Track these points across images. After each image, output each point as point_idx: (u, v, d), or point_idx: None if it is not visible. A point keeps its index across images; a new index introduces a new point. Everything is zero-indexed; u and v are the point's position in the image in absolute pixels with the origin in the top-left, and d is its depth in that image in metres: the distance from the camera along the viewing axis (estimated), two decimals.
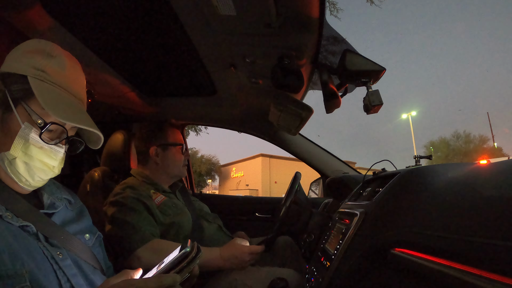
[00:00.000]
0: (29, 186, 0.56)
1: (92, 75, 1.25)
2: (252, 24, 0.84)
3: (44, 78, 0.55)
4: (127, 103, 1.53)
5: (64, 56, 0.60)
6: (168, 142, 1.22)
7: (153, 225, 1.03)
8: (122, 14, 0.87)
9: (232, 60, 1.07)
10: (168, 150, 1.22)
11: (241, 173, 24.42)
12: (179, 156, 1.24)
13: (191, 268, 0.54)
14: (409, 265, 0.43)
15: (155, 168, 1.21)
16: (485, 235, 0.32)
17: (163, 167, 1.21)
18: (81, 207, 0.71)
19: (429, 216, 0.46)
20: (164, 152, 1.21)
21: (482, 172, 0.51)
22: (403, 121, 24.76)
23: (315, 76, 1.16)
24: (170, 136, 1.24)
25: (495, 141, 19.43)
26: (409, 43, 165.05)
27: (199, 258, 0.54)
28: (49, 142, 0.56)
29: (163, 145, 1.21)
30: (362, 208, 0.70)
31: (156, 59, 1.14)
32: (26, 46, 0.58)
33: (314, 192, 2.06)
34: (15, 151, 0.53)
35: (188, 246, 0.54)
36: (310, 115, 1.15)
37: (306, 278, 0.85)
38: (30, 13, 0.83)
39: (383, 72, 0.91)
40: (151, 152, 1.20)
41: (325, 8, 0.78)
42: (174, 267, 0.53)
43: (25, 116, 0.54)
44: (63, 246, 0.56)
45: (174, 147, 1.23)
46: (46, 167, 0.56)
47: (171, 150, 1.22)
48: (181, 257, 0.53)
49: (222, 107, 1.57)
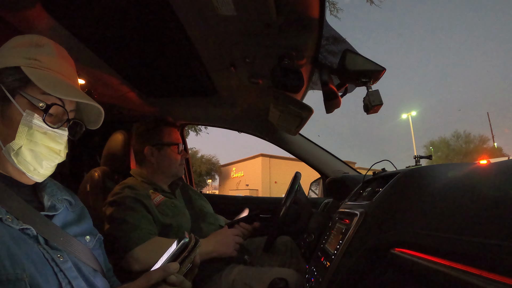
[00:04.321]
0: (38, 175, 0.57)
1: (92, 75, 1.25)
2: (252, 24, 0.84)
3: (38, 65, 0.56)
4: (127, 103, 1.53)
5: (51, 44, 0.61)
6: (163, 142, 1.21)
7: (151, 224, 1.03)
8: (122, 14, 0.87)
9: (232, 60, 1.07)
10: (163, 150, 1.21)
11: (241, 173, 24.42)
12: (175, 155, 1.23)
13: (192, 258, 0.56)
14: (409, 265, 0.43)
15: (152, 168, 1.21)
16: (485, 235, 0.32)
17: (158, 167, 1.21)
18: (82, 209, 0.71)
19: (429, 216, 0.46)
20: (159, 152, 1.20)
21: (482, 172, 0.51)
22: (403, 121, 24.76)
23: (315, 76, 1.16)
24: (165, 136, 1.23)
25: (495, 141, 19.45)
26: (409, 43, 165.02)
27: (198, 248, 0.57)
28: (52, 126, 0.56)
29: (158, 145, 1.21)
30: (362, 208, 0.70)
31: (156, 59, 1.14)
32: (12, 42, 0.59)
33: (314, 192, 2.06)
34: (20, 139, 0.53)
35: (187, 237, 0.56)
36: (310, 115, 1.15)
37: (306, 278, 0.85)
38: (30, 13, 0.83)
39: (383, 72, 0.91)
40: (146, 151, 1.20)
41: (325, 8, 0.78)
42: (176, 258, 0.54)
43: (25, 104, 0.55)
44: (64, 248, 0.56)
45: (169, 146, 1.22)
46: (52, 152, 0.57)
47: (166, 150, 1.21)
48: (181, 248, 0.55)
49: (222, 107, 1.57)
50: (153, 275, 0.52)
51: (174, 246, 0.57)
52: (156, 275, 0.52)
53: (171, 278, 0.53)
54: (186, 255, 0.55)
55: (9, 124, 0.54)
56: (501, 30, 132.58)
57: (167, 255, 0.56)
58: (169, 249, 0.58)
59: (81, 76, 1.24)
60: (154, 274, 0.52)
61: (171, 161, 1.22)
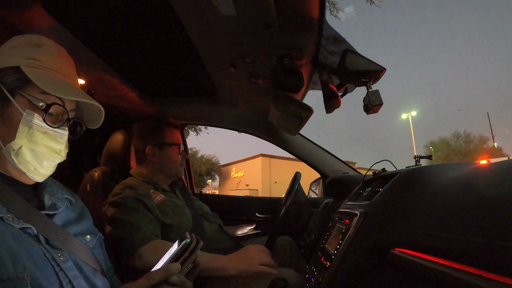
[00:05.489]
0: (38, 175, 0.57)
1: (92, 75, 1.25)
2: (252, 24, 0.84)
3: (37, 65, 0.56)
4: (127, 103, 1.54)
5: (51, 44, 0.61)
6: (164, 142, 1.23)
7: (154, 224, 1.03)
8: (122, 14, 0.87)
9: (232, 60, 1.07)
10: (164, 149, 1.22)
11: (241, 173, 24.41)
12: (176, 156, 1.24)
13: (194, 258, 0.56)
14: (409, 265, 0.43)
15: (152, 167, 1.22)
16: (485, 235, 0.32)
17: (159, 166, 1.21)
18: (82, 208, 0.71)
19: (429, 216, 0.46)
20: (160, 152, 1.22)
21: (482, 172, 0.51)
22: (403, 121, 24.76)
23: (315, 76, 1.16)
24: (166, 136, 1.24)
25: (495, 141, 19.43)
26: (409, 43, 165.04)
27: (199, 248, 0.57)
28: (53, 126, 0.57)
29: (159, 144, 1.22)
30: (362, 208, 0.70)
31: (156, 59, 1.14)
32: (12, 42, 0.58)
33: (314, 192, 2.06)
34: (20, 139, 0.53)
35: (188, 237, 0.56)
36: (310, 115, 1.15)
37: (306, 278, 0.85)
38: (30, 13, 0.83)
39: (383, 72, 0.91)
40: (147, 151, 1.21)
41: (325, 8, 0.78)
42: (178, 259, 0.54)
43: (25, 103, 0.55)
44: (64, 247, 0.56)
45: (170, 146, 1.23)
46: (52, 152, 0.57)
47: (167, 150, 1.22)
48: (182, 248, 0.55)
49: (222, 107, 1.57)
50: (154, 275, 0.53)
51: (176, 246, 0.57)
52: (157, 275, 0.53)
53: (172, 279, 0.53)
54: (187, 256, 0.55)
55: (9, 124, 0.54)
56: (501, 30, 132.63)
57: (169, 256, 0.57)
58: (170, 250, 0.58)
59: (81, 76, 1.24)
60: (156, 274, 0.53)
61: (172, 161, 1.22)
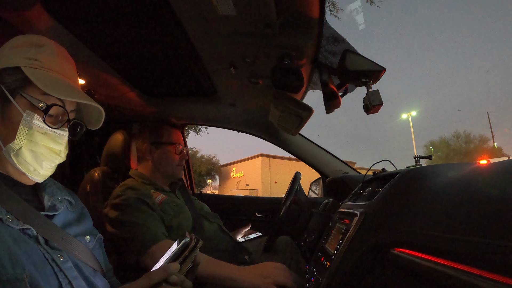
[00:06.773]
0: (38, 175, 0.57)
1: (92, 75, 1.25)
2: (252, 24, 0.84)
3: (38, 65, 0.56)
4: (127, 103, 1.54)
5: (51, 44, 0.61)
6: (161, 141, 1.23)
7: (160, 223, 1.03)
8: (122, 14, 0.87)
9: (232, 60, 1.07)
10: (161, 148, 1.22)
11: (241, 173, 24.41)
12: (173, 155, 1.23)
13: (193, 257, 0.57)
14: (409, 265, 0.43)
15: (149, 166, 1.22)
16: (485, 235, 0.32)
17: (156, 165, 1.22)
18: (82, 209, 0.71)
19: (429, 216, 0.46)
20: (157, 150, 1.22)
21: (482, 172, 0.51)
22: (403, 121, 24.80)
23: (315, 76, 1.16)
24: (164, 135, 1.25)
25: (495, 141, 19.44)
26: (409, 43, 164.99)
27: (199, 247, 0.58)
28: (53, 127, 0.56)
29: (156, 143, 1.22)
30: (362, 208, 0.70)
31: (156, 59, 1.14)
32: (12, 42, 0.58)
33: (314, 192, 2.06)
34: (20, 140, 0.53)
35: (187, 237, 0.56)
36: (310, 115, 1.15)
37: (306, 278, 0.85)
38: (30, 13, 0.83)
39: (383, 72, 0.91)
40: (145, 149, 1.22)
41: (325, 8, 0.78)
42: (177, 258, 0.55)
43: (25, 104, 0.55)
44: (64, 248, 0.56)
45: (167, 146, 1.23)
46: (52, 153, 0.57)
47: (164, 149, 1.22)
48: (182, 247, 0.56)
49: (222, 107, 1.57)
50: (153, 275, 0.52)
51: (175, 246, 0.58)
52: (157, 275, 0.53)
53: (172, 278, 0.53)
54: (186, 255, 0.55)
55: (9, 124, 0.54)
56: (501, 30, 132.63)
57: (168, 255, 0.57)
58: (170, 249, 0.58)
59: (81, 76, 1.24)
60: (155, 274, 0.53)
61: (168, 160, 1.22)
